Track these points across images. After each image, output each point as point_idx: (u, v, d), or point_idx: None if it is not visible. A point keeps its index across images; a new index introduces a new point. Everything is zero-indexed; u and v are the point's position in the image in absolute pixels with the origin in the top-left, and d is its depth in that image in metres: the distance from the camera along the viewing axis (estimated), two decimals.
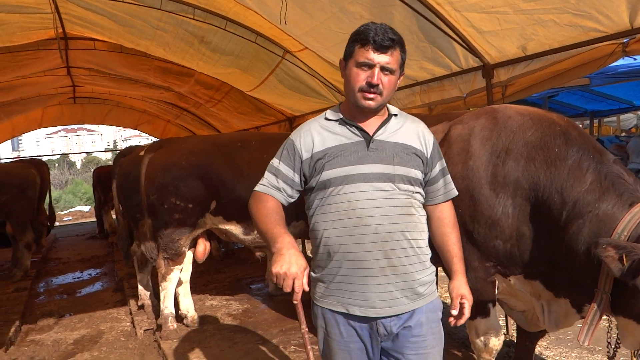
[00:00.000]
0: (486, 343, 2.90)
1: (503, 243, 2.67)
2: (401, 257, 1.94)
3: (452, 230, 2.13)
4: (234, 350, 4.37)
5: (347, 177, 1.93)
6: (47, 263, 9.51)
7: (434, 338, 2.02)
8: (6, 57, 6.88)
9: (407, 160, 1.98)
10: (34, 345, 5.15)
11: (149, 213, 4.77)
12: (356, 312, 1.95)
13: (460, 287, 2.04)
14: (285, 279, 1.73)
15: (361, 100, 1.93)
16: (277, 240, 1.82)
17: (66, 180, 33.88)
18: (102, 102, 12.57)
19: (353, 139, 1.97)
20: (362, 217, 1.91)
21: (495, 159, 2.69)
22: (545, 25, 3.49)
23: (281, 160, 2.03)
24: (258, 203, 2.00)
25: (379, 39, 1.88)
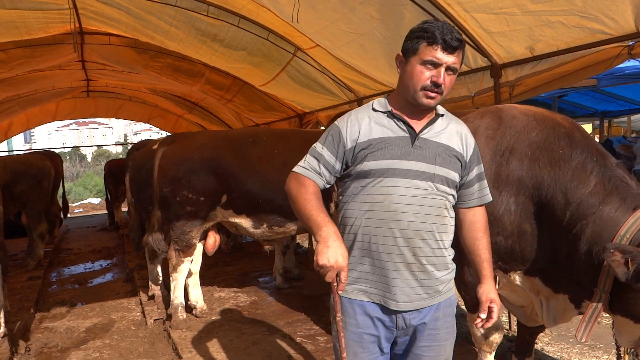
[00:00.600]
0: (487, 336, 2.98)
1: (505, 239, 2.73)
2: (429, 257, 1.97)
3: (484, 235, 2.13)
4: (242, 340, 4.48)
5: (388, 171, 1.94)
6: (59, 253, 9.68)
7: (447, 332, 2.07)
8: (25, 51, 7.03)
9: (448, 161, 1.99)
10: (48, 332, 5.29)
11: (161, 205, 4.89)
12: (379, 301, 1.98)
13: (490, 292, 2.05)
14: (330, 271, 1.76)
15: (422, 99, 1.93)
16: (321, 229, 1.83)
17: (77, 173, 34.28)
18: (115, 96, 12.74)
19: (399, 133, 1.97)
20: (396, 212, 1.92)
21: (499, 158, 2.74)
22: (552, 27, 3.55)
23: (325, 146, 2.02)
24: (300, 186, 1.98)
25: (448, 38, 1.86)
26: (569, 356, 4.07)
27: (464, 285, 2.98)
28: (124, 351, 4.64)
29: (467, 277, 2.91)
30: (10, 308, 5.46)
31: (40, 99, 10.86)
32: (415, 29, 1.95)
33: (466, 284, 2.94)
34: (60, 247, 10.30)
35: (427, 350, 2.03)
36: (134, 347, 4.73)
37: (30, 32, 6.22)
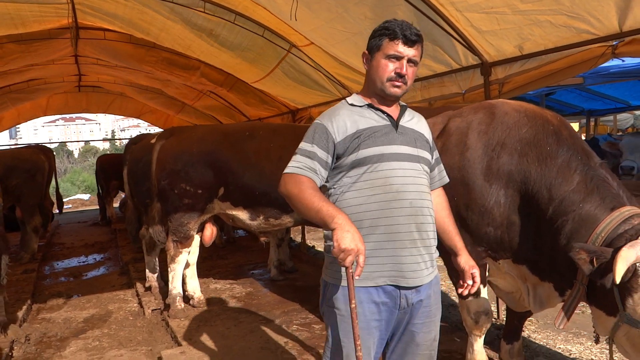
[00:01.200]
0: (477, 320, 3.13)
1: (494, 230, 2.87)
2: (428, 231, 2.14)
3: (449, 212, 2.38)
4: (239, 328, 4.60)
5: (383, 156, 2.08)
6: (52, 247, 9.72)
7: (436, 307, 2.24)
8: (19, 46, 7.06)
9: (424, 145, 2.21)
10: (46, 323, 5.37)
11: (160, 198, 4.99)
12: (387, 282, 2.06)
13: (469, 260, 2.30)
14: (351, 255, 1.81)
15: (389, 89, 2.10)
16: (336, 216, 1.88)
17: (65, 169, 34.01)
18: (107, 92, 12.74)
19: (382, 122, 2.13)
20: (398, 191, 2.06)
21: (490, 152, 2.88)
22: (541, 26, 3.69)
23: (314, 143, 2.10)
24: (299, 184, 2.02)
25: (407, 33, 2.05)
26: (555, 343, 4.24)
27: (455, 272, 3.12)
28: (123, 340, 4.74)
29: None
30: (8, 299, 5.53)
31: (32, 93, 10.84)
32: (378, 28, 2.13)
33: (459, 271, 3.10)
34: (53, 241, 10.33)
35: (422, 326, 2.17)
36: (133, 336, 4.84)
37: (25, 26, 6.26)
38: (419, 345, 2.19)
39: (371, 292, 2.06)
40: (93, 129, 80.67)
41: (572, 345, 4.10)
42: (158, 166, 4.94)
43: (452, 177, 2.93)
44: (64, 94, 12.47)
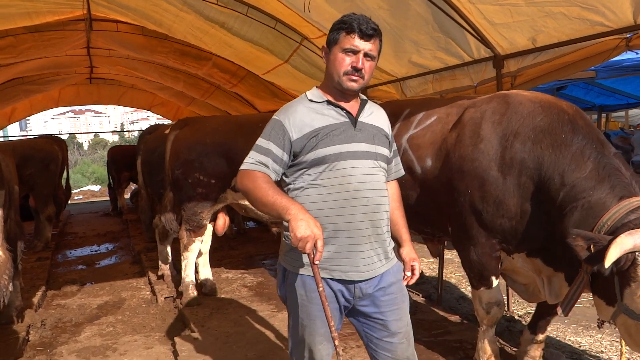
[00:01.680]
0: (488, 311, 3.17)
1: (509, 221, 2.88)
2: (383, 227, 2.19)
3: (400, 205, 2.43)
4: (252, 316, 4.67)
5: (341, 154, 2.09)
6: (65, 237, 9.85)
7: (402, 294, 2.27)
8: (33, 37, 7.14)
9: (382, 141, 2.23)
10: (60, 309, 5.47)
11: (173, 187, 5.06)
12: (342, 276, 2.12)
13: (411, 252, 2.34)
14: (309, 242, 1.85)
15: (346, 83, 2.10)
16: (289, 208, 1.92)
17: (75, 161, 34.29)
18: (118, 84, 12.85)
19: (340, 119, 2.15)
20: (356, 190, 2.10)
21: (504, 142, 2.88)
22: (555, 18, 3.69)
23: (270, 140, 2.11)
24: (254, 180, 2.05)
25: (364, 28, 2.06)
26: (565, 335, 4.27)
27: (469, 263, 3.17)
28: (137, 326, 4.83)
29: (473, 256, 3.11)
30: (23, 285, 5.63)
31: (44, 85, 10.95)
32: (336, 22, 2.14)
33: (471, 262, 3.13)
34: (65, 231, 10.46)
35: (390, 314, 2.21)
36: (146, 322, 4.92)
37: (40, 17, 6.32)
38: (394, 335, 2.22)
39: (328, 281, 2.12)
40: (102, 121, 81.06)
41: (582, 338, 4.12)
42: (172, 156, 5.00)
43: (466, 169, 3.00)
44: (76, 86, 12.60)
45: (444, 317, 4.45)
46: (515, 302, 4.96)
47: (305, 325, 2.16)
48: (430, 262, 6.45)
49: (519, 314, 4.71)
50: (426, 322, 4.16)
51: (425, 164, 3.39)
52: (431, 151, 3.36)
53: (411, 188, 3.48)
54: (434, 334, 4.05)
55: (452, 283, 5.78)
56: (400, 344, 2.23)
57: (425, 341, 3.92)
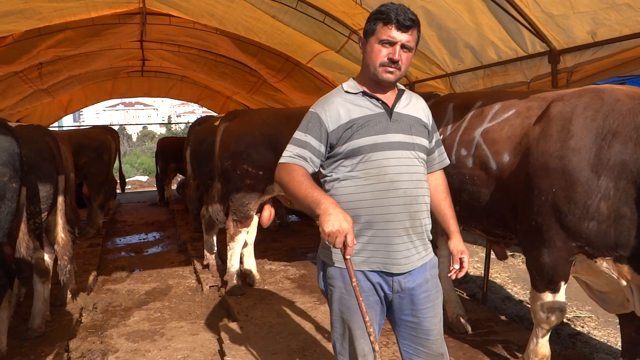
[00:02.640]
0: (549, 317, 3.00)
1: (598, 224, 2.66)
2: (421, 219, 2.16)
3: (447, 195, 2.38)
4: (294, 307, 4.71)
5: (376, 145, 2.08)
6: (115, 224, 10.20)
7: (437, 291, 2.24)
8: (90, 29, 7.40)
9: (420, 131, 2.20)
10: (111, 293, 5.67)
11: (222, 178, 5.15)
12: (380, 268, 2.11)
13: (459, 244, 2.28)
14: (337, 236, 1.82)
15: (382, 74, 2.09)
16: (321, 202, 1.91)
17: (124, 152, 35.40)
18: (168, 77, 13.16)
19: (375, 110, 2.13)
20: (392, 181, 2.08)
21: (600, 141, 2.66)
22: (619, 10, 3.51)
23: (307, 133, 2.12)
24: (290, 173, 2.06)
25: (401, 18, 2.03)
26: (616, 340, 4.12)
27: (538, 266, 2.95)
28: (183, 313, 4.95)
29: (545, 259, 2.90)
30: (77, 269, 5.86)
31: (98, 76, 11.34)
32: (374, 12, 2.11)
33: (542, 265, 2.92)
34: (115, 219, 10.83)
35: (426, 312, 2.19)
36: (192, 309, 5.04)
37: (97, 10, 6.54)
38: (428, 332, 2.19)
39: (367, 273, 2.12)
40: (151, 113, 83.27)
41: None
42: (221, 147, 5.09)
43: (552, 166, 2.78)
44: (128, 78, 12.99)
45: (489, 317, 4.37)
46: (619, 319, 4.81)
47: (345, 319, 2.16)
48: (475, 262, 6.34)
49: (568, 317, 4.57)
50: (470, 321, 4.09)
51: (502, 159, 3.19)
52: (509, 146, 3.15)
53: (484, 185, 3.32)
54: (478, 333, 3.98)
55: (497, 283, 5.66)
56: (435, 340, 2.21)
57: (470, 340, 3.86)
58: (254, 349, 3.80)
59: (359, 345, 2.17)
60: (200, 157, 5.66)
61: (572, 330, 4.30)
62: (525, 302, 5.05)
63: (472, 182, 3.37)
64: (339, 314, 2.18)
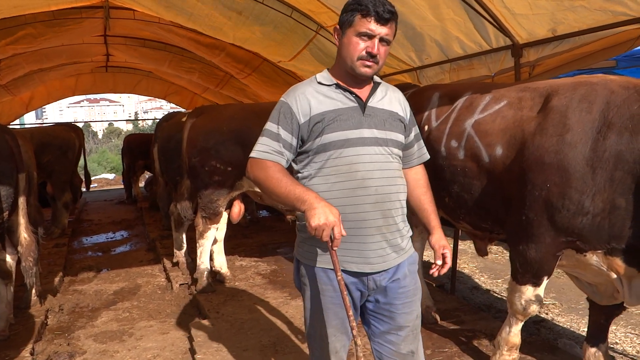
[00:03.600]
0: (526, 308, 2.96)
1: (592, 218, 2.60)
2: (395, 217, 2.10)
3: (427, 190, 2.31)
4: (265, 303, 4.70)
5: (347, 141, 2.01)
6: (81, 224, 9.98)
7: (415, 287, 2.20)
8: (51, 24, 7.19)
9: (395, 126, 2.13)
10: (78, 294, 5.56)
11: (190, 175, 5.09)
12: (353, 268, 2.06)
13: (441, 239, 2.22)
14: (325, 229, 1.79)
15: (360, 68, 2.02)
16: (304, 198, 1.86)
17: (90, 149, 34.64)
18: (134, 72, 12.91)
19: (348, 104, 2.06)
20: (363, 179, 2.02)
21: (595, 134, 2.60)
22: (575, 11, 3.62)
23: (279, 125, 2.05)
24: (266, 170, 2.00)
25: (380, 10, 1.95)
26: (578, 326, 4.26)
27: (524, 260, 2.89)
28: (152, 312, 4.89)
29: (532, 254, 2.85)
30: (41, 271, 5.72)
31: (60, 72, 11.05)
32: (351, 2, 2.02)
33: (528, 259, 2.87)
34: (81, 218, 10.60)
35: (402, 307, 2.15)
36: (162, 308, 4.98)
37: (57, 3, 6.35)
38: (400, 328, 2.16)
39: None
40: (117, 110, 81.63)
41: None
42: (189, 144, 5.03)
43: (547, 161, 2.72)
44: (92, 74, 12.69)
45: (457, 307, 4.44)
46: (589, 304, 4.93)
47: (318, 318, 2.14)
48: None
49: None
50: (439, 311, 4.16)
51: (495, 152, 3.10)
52: (502, 139, 3.07)
53: (475, 177, 3.24)
54: (447, 323, 4.06)
55: (465, 273, 5.78)
56: (406, 337, 2.18)
57: (438, 330, 3.92)
58: (225, 346, 3.79)
59: (331, 343, 2.15)
60: (168, 154, 5.59)
61: (537, 317, 4.41)
62: (493, 292, 5.17)
63: (464, 174, 3.31)
64: (311, 313, 2.17)
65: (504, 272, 5.73)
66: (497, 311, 4.59)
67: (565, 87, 2.86)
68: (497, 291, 5.18)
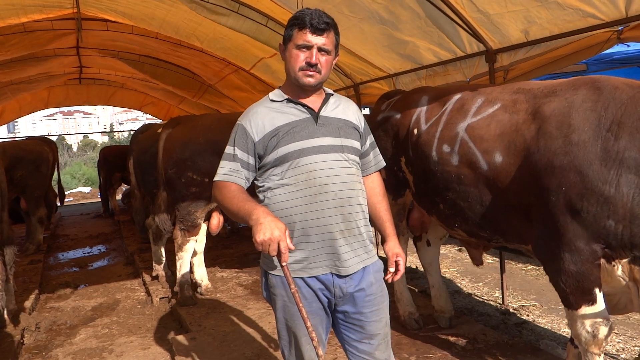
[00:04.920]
0: (595, 334, 2.60)
1: (615, 224, 2.46)
2: (356, 220, 2.15)
3: (383, 198, 2.37)
4: (248, 314, 4.65)
5: (303, 150, 2.08)
6: (57, 239, 9.79)
7: (382, 295, 2.23)
8: (22, 36, 7.06)
9: (349, 133, 2.20)
10: (55, 311, 5.43)
11: (167, 187, 5.02)
12: (319, 272, 2.10)
13: (395, 247, 2.28)
14: (270, 244, 1.82)
15: (303, 79, 2.09)
16: (252, 213, 1.91)
17: (65, 162, 34.06)
18: (108, 83, 12.75)
19: (301, 116, 2.13)
20: (322, 185, 2.08)
21: (605, 133, 2.49)
22: (549, 8, 3.67)
23: (235, 146, 2.13)
24: (222, 190, 2.09)
25: (315, 22, 2.04)
26: (559, 327, 4.31)
27: (563, 276, 2.64)
28: (132, 327, 4.80)
29: (569, 266, 2.61)
30: (16, 289, 5.57)
31: (32, 85, 10.84)
32: (290, 19, 2.13)
33: (567, 273, 2.62)
34: (57, 233, 10.40)
35: (370, 315, 2.18)
36: (142, 323, 4.89)
37: (28, 14, 6.24)
38: (372, 337, 2.20)
39: (307, 280, 2.11)
40: (91, 122, 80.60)
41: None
42: (165, 155, 4.97)
43: (558, 164, 2.60)
44: (65, 86, 12.49)
45: None
46: (509, 295, 5.00)
47: (290, 326, 2.15)
48: None
49: (514, 306, 4.74)
50: (422, 317, 4.16)
51: (493, 158, 2.95)
52: (500, 144, 2.92)
53: (472, 184, 3.09)
54: (429, 329, 4.06)
55: (446, 277, 5.80)
56: (379, 345, 2.22)
57: (422, 335, 3.93)
58: (208, 359, 3.73)
59: (305, 352, 2.16)
60: (144, 166, 5.50)
61: (519, 320, 4.45)
62: (474, 295, 5.20)
63: (459, 181, 3.17)
64: (283, 322, 2.18)
65: (485, 275, 5.78)
66: (479, 315, 4.62)
67: (565, 87, 2.78)
68: (479, 295, 5.22)
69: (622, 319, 4.25)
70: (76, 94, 13.03)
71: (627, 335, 4.05)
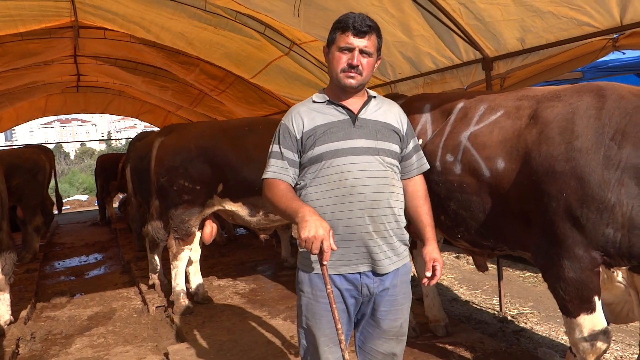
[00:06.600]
0: (593, 342, 2.58)
1: (614, 232, 2.46)
2: (385, 223, 2.18)
3: (425, 202, 2.37)
4: (244, 323, 4.62)
5: (338, 151, 2.14)
6: (53, 247, 9.74)
7: (404, 297, 2.28)
8: (19, 44, 7.07)
9: (387, 135, 2.23)
10: (50, 321, 5.39)
11: (159, 195, 5.00)
12: (347, 271, 2.15)
13: (433, 252, 2.26)
14: (314, 242, 1.88)
15: (344, 80, 2.16)
16: (298, 211, 1.98)
17: (62, 170, 34.04)
18: (105, 92, 12.76)
19: (340, 117, 2.20)
20: (352, 186, 2.13)
21: (608, 141, 2.48)
22: (543, 17, 3.70)
23: (281, 145, 2.22)
24: (272, 189, 2.16)
25: (357, 25, 2.12)
26: (557, 334, 4.29)
27: (563, 283, 2.63)
28: (128, 337, 4.77)
29: (568, 273, 2.59)
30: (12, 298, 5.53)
31: (30, 94, 10.85)
32: (335, 22, 2.20)
33: (567, 280, 2.60)
34: (53, 241, 10.35)
35: (386, 314, 2.23)
36: (138, 332, 4.86)
37: (26, 24, 6.26)
38: (385, 331, 2.26)
39: (334, 278, 2.14)
40: (89, 130, 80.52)
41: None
42: (157, 163, 4.95)
43: (559, 169, 2.59)
44: (63, 94, 12.51)
45: None
46: (507, 303, 4.98)
47: (310, 325, 2.20)
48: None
49: (512, 314, 4.72)
50: (419, 325, 4.14)
51: (496, 165, 2.92)
52: (502, 151, 2.91)
53: (475, 193, 3.06)
54: (427, 337, 4.04)
55: (444, 285, 5.78)
56: (389, 340, 2.27)
57: (419, 344, 3.90)
58: None
59: (323, 353, 2.20)
60: (141, 174, 5.49)
61: (516, 327, 4.43)
62: (472, 303, 5.18)
63: (462, 190, 3.14)
64: (304, 320, 2.22)
65: (482, 282, 5.76)
66: (476, 322, 4.59)
67: (570, 93, 2.77)
68: (477, 302, 5.19)
69: (620, 326, 4.23)
70: (74, 101, 13.05)
71: (625, 343, 4.03)
